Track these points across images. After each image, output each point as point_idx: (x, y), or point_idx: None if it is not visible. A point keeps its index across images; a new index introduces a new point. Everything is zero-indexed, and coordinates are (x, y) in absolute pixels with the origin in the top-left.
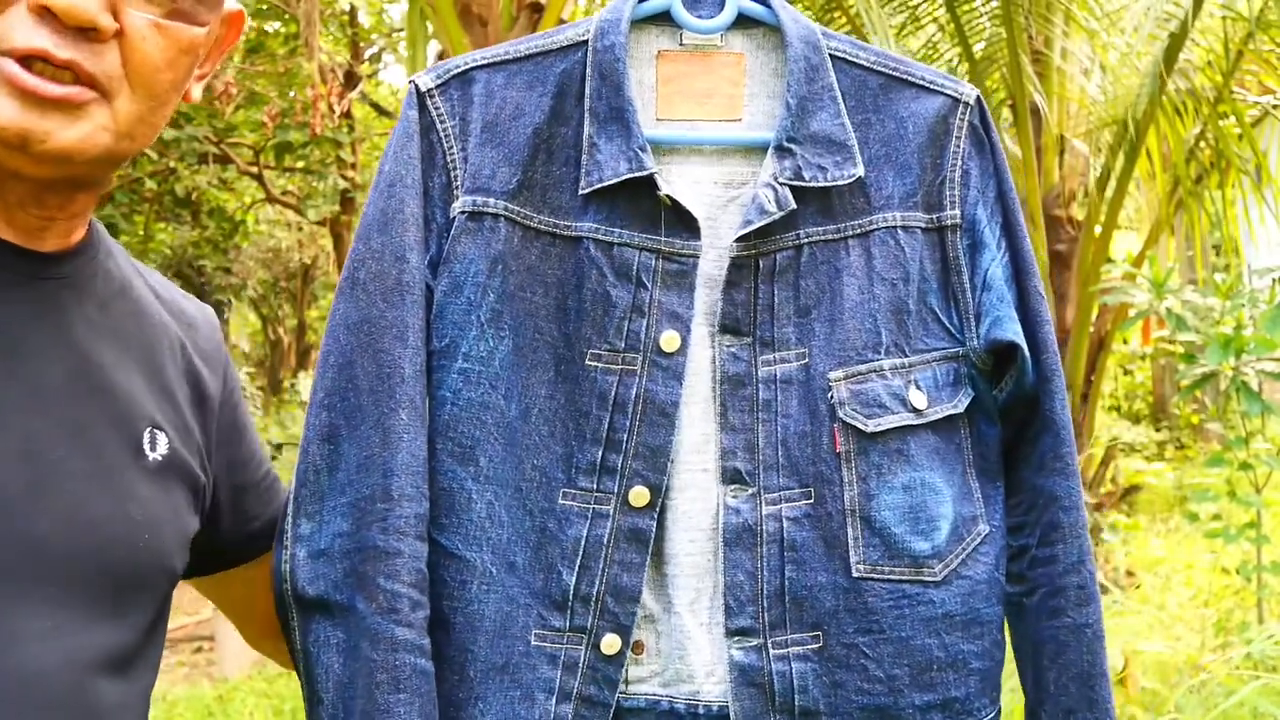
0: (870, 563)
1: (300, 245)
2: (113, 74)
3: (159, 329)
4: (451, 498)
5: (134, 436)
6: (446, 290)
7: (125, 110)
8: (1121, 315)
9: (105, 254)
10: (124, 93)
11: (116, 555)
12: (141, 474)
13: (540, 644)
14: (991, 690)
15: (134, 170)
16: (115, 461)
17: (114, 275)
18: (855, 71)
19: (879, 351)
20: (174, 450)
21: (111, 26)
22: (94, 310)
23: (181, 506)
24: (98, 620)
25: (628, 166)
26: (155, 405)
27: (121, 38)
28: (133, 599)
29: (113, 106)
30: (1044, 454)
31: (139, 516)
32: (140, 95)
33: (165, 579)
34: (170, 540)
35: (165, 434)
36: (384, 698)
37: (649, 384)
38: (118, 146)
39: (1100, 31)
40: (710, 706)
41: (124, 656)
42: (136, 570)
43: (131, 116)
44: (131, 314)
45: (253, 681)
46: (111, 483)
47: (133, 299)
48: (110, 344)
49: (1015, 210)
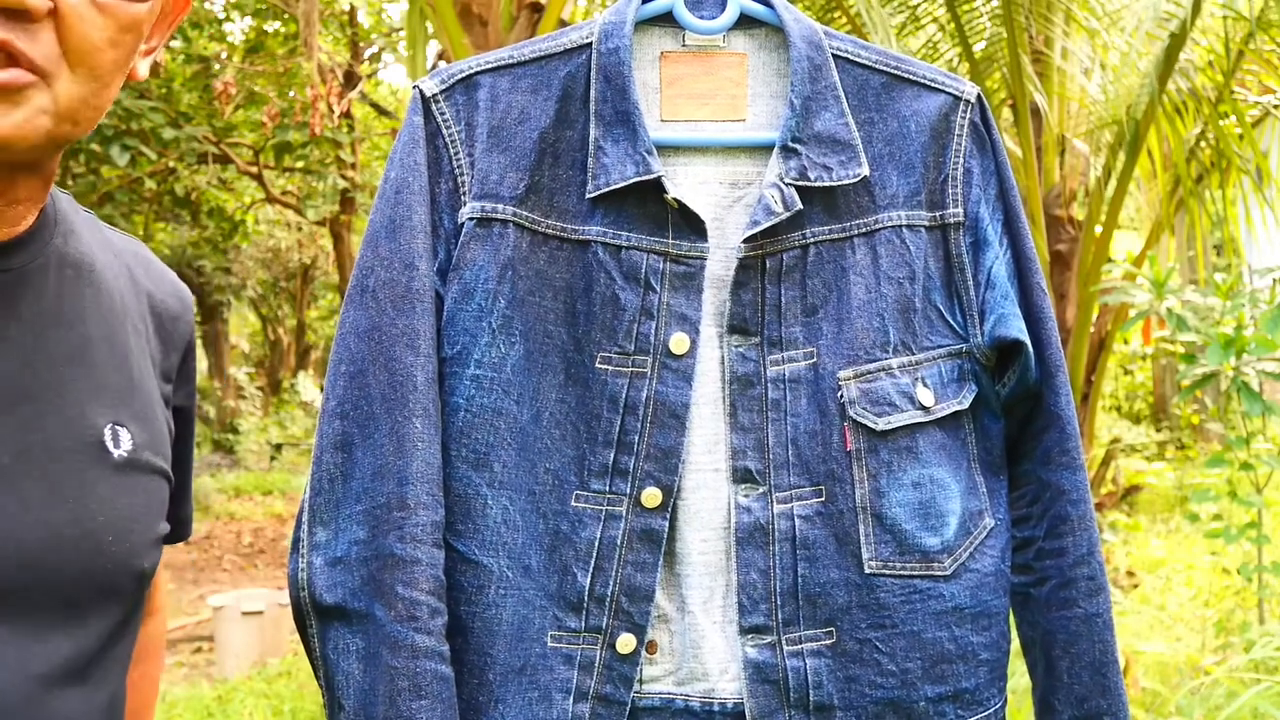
0: (882, 559)
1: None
2: (50, 55)
3: (122, 313)
4: (467, 504)
5: (94, 434)
6: (457, 297)
7: (66, 92)
8: (1122, 315)
9: (63, 236)
10: (63, 74)
11: (76, 561)
12: (104, 473)
13: (556, 645)
14: (999, 680)
15: (134, 170)
16: (72, 464)
17: (70, 259)
18: (858, 71)
19: (887, 350)
20: (138, 446)
21: (44, 6)
22: (47, 302)
23: (151, 503)
24: (54, 629)
25: (635, 170)
26: (118, 398)
27: (58, 17)
28: (97, 605)
29: (52, 89)
30: (1049, 449)
31: (102, 518)
32: (81, 76)
33: (133, 581)
34: (139, 540)
35: (128, 430)
36: (406, 704)
37: (659, 386)
38: (58, 130)
39: (1101, 31)
40: (725, 704)
41: (85, 664)
42: (100, 575)
43: (73, 98)
44: (91, 301)
45: (252, 682)
46: (68, 487)
47: (95, 283)
48: (65, 336)
49: (1017, 207)
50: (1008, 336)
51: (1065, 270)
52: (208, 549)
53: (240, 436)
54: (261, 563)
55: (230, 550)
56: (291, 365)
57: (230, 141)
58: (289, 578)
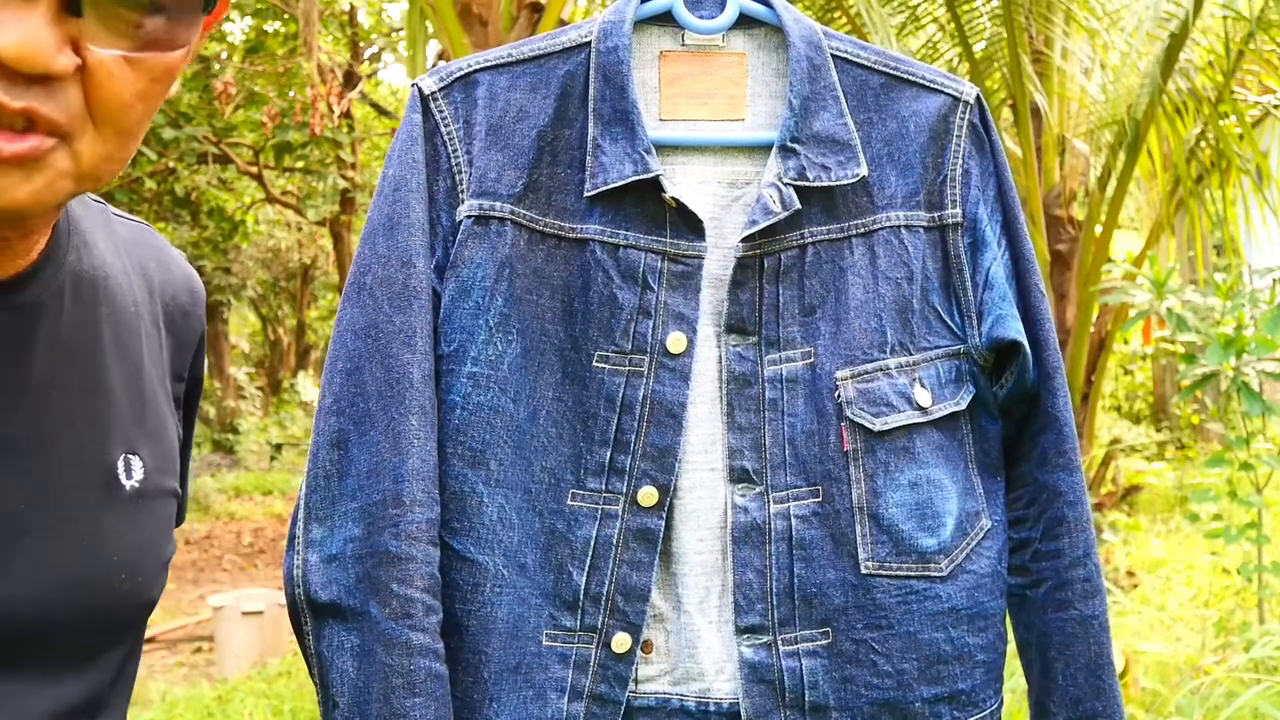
0: (878, 560)
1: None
2: (75, 113)
3: (136, 324)
4: (463, 501)
5: (107, 468)
6: (454, 295)
7: (89, 151)
8: (1122, 315)
9: (76, 251)
10: (88, 133)
11: (90, 604)
12: (116, 507)
13: (552, 644)
14: (995, 681)
15: (134, 170)
16: (85, 504)
17: (86, 276)
18: (857, 71)
19: (884, 350)
20: (149, 473)
21: (71, 66)
22: (63, 334)
23: (160, 530)
24: (68, 671)
25: (633, 169)
26: (132, 422)
27: (85, 74)
28: (107, 642)
29: (73, 149)
30: (1046, 450)
31: (116, 556)
32: (107, 134)
33: (143, 613)
34: (149, 570)
35: (140, 456)
36: (400, 702)
37: (656, 385)
38: (80, 189)
39: (1101, 31)
40: (720, 704)
41: (94, 701)
42: (114, 613)
43: (97, 156)
44: (107, 321)
45: (252, 682)
46: (81, 529)
47: (109, 297)
48: (80, 369)
49: (1016, 209)
50: (1005, 337)
51: (1065, 270)
52: (208, 549)
53: (240, 436)
54: (261, 563)
55: (230, 550)
56: (291, 365)
57: (230, 141)
58: (284, 574)
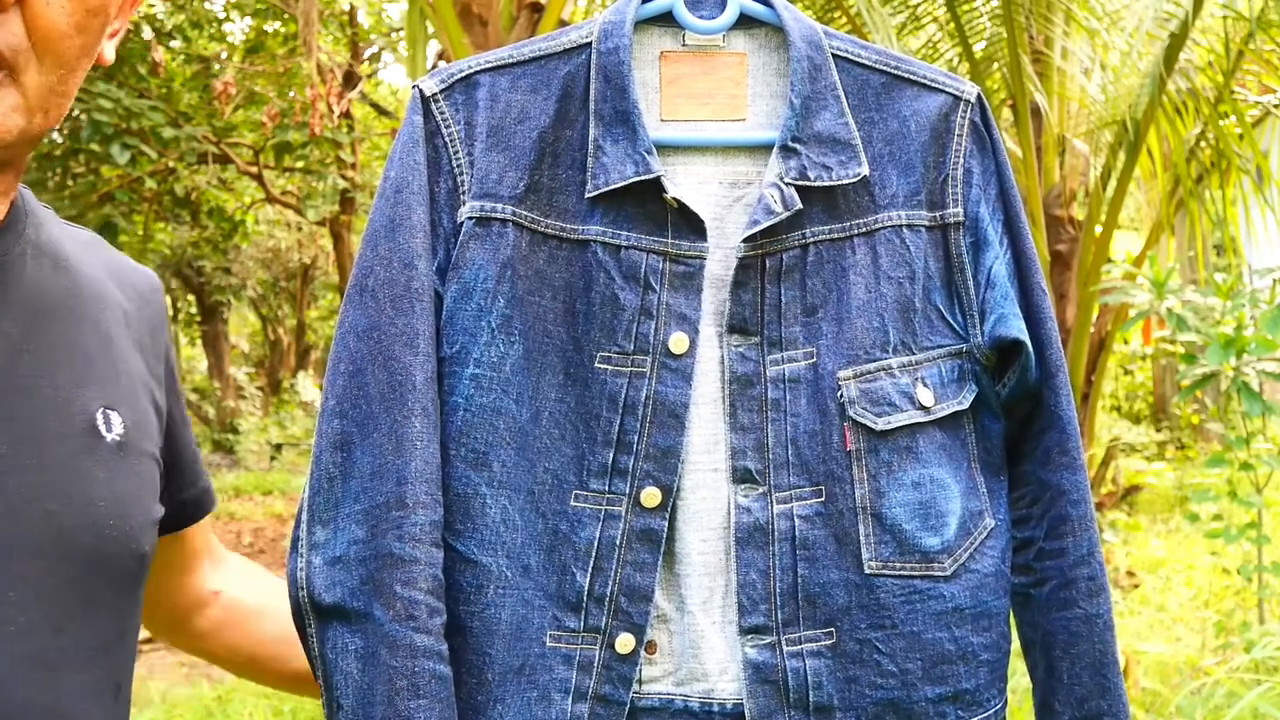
0: (882, 559)
1: (300, 245)
2: (18, 47)
3: (101, 300)
4: (466, 503)
5: (86, 419)
6: (456, 296)
7: (35, 84)
8: (1122, 315)
9: (34, 227)
10: (32, 66)
11: (82, 548)
12: (100, 456)
13: (555, 645)
14: (999, 681)
15: (134, 170)
16: (68, 450)
17: (46, 249)
18: (857, 70)
19: (887, 350)
20: (129, 429)
21: None
22: (30, 290)
23: (144, 487)
24: (64, 615)
25: (634, 169)
26: (106, 383)
27: (23, 6)
28: (105, 592)
29: (21, 83)
30: (1049, 449)
31: (101, 503)
32: (49, 65)
33: (135, 562)
34: (137, 521)
35: (119, 413)
36: (404, 704)
37: (658, 386)
38: (31, 125)
39: (1101, 31)
40: (724, 705)
41: (97, 653)
42: (105, 559)
43: (42, 89)
44: (69, 289)
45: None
46: (65, 472)
47: (69, 272)
48: (51, 324)
49: (1017, 207)
50: (1008, 336)
51: (1065, 270)
52: None
53: (240, 436)
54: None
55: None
56: (291, 365)
57: (230, 141)
58: (288, 577)
